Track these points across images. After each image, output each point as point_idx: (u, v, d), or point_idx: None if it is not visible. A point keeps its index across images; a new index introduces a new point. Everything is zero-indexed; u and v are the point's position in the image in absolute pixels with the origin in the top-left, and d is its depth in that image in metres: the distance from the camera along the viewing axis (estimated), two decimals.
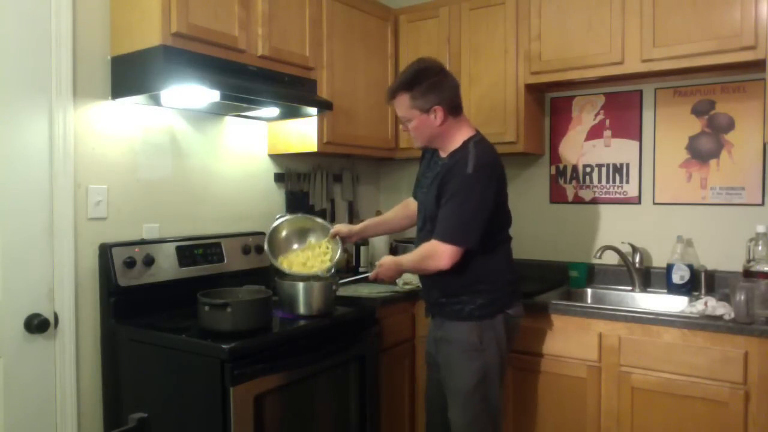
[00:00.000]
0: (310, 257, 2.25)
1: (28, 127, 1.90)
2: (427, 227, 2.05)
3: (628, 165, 2.76)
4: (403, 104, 2.02)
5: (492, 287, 2.01)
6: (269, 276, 2.49)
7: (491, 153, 2.01)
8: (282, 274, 2.22)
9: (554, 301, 2.37)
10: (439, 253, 1.92)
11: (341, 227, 2.34)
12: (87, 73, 2.05)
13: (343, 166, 3.18)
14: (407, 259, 2.08)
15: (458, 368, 2.00)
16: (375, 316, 2.33)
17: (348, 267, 3.02)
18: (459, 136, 2.02)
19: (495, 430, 2.03)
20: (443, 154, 2.07)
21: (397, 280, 2.61)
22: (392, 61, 3.03)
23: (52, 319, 1.94)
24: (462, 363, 1.99)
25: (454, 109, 2.01)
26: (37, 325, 1.90)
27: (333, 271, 2.23)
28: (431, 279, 2.06)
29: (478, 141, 2.01)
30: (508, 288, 2.06)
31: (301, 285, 2.12)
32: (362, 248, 3.00)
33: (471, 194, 1.91)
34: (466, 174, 1.92)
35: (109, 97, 2.12)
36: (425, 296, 2.18)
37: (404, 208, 2.41)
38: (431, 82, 1.97)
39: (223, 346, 1.73)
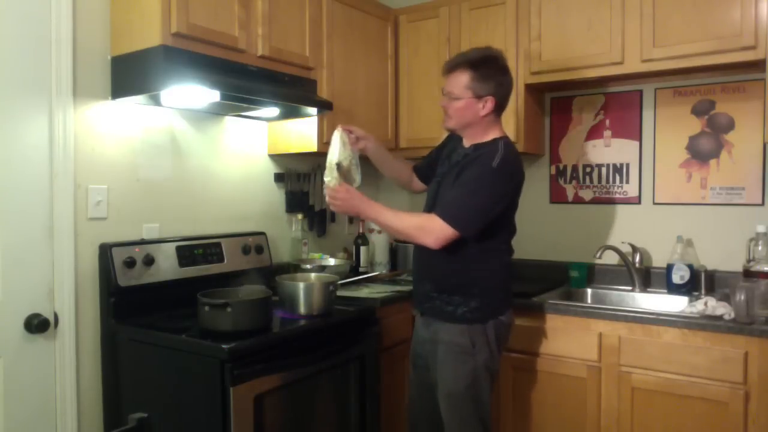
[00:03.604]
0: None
1: (28, 127, 1.90)
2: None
3: (628, 165, 2.76)
4: (459, 81, 1.98)
5: (487, 292, 1.98)
6: (269, 276, 2.49)
7: (518, 158, 2.01)
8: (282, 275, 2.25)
9: (554, 301, 2.37)
10: (435, 230, 1.88)
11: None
12: (87, 73, 2.05)
13: None
14: (388, 214, 1.98)
15: (449, 370, 1.98)
16: (375, 316, 2.33)
17: (348, 267, 3.02)
18: (492, 133, 2.01)
19: None
20: (467, 144, 2.06)
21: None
22: (392, 61, 3.02)
23: (52, 319, 1.94)
24: (453, 365, 1.97)
25: (501, 107, 2.02)
26: (37, 325, 1.89)
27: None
28: (426, 269, 2.04)
29: (508, 143, 2.00)
30: (502, 294, 2.04)
31: (301, 285, 2.12)
32: (362, 248, 3.00)
33: (489, 186, 1.89)
34: (491, 166, 1.89)
35: (109, 97, 2.11)
36: (416, 287, 2.13)
37: (406, 168, 2.42)
38: (495, 71, 1.97)
39: (223, 346, 1.73)
